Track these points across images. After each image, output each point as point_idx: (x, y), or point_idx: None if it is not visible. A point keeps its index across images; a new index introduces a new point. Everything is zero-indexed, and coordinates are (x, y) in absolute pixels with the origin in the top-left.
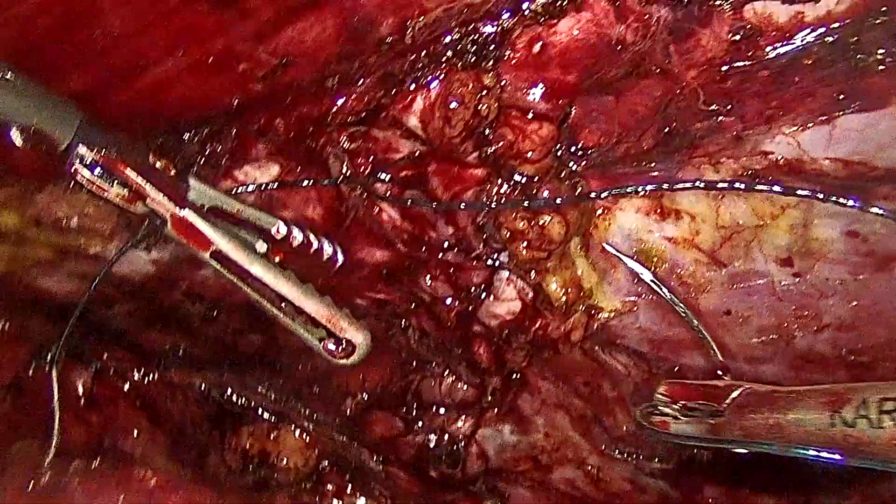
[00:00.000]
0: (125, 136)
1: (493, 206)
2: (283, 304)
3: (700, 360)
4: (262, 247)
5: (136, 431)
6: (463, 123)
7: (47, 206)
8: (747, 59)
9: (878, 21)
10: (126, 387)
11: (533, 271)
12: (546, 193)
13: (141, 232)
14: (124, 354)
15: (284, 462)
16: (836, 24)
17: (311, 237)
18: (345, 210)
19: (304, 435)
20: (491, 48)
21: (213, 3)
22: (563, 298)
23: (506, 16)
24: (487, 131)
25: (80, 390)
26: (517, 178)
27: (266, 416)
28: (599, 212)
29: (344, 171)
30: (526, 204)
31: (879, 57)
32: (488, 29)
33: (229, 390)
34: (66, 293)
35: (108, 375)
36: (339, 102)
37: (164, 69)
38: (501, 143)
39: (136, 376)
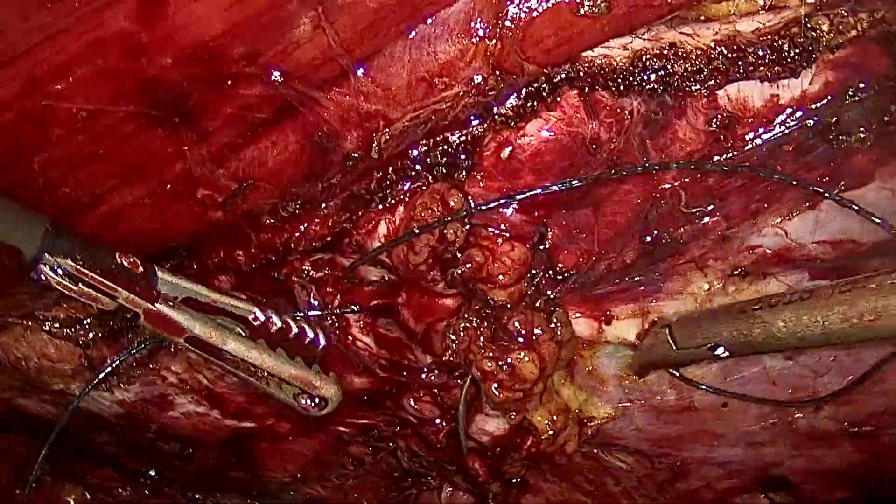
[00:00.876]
0: (90, 240)
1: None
2: (257, 372)
3: (702, 452)
4: (241, 333)
5: None
6: (428, 249)
7: (6, 346)
8: (727, 150)
9: (856, 98)
10: (120, 498)
11: (512, 413)
12: (517, 325)
13: (115, 361)
14: (110, 473)
15: None
16: (815, 105)
17: (290, 322)
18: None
19: None
20: (462, 157)
21: (169, 127)
22: (550, 431)
23: (475, 122)
24: (456, 254)
25: None
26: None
27: None
28: (584, 344)
29: (311, 301)
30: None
31: (861, 135)
32: (457, 138)
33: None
34: (46, 413)
35: (98, 491)
36: (302, 228)
37: (121, 199)
38: (469, 266)
39: (125, 494)
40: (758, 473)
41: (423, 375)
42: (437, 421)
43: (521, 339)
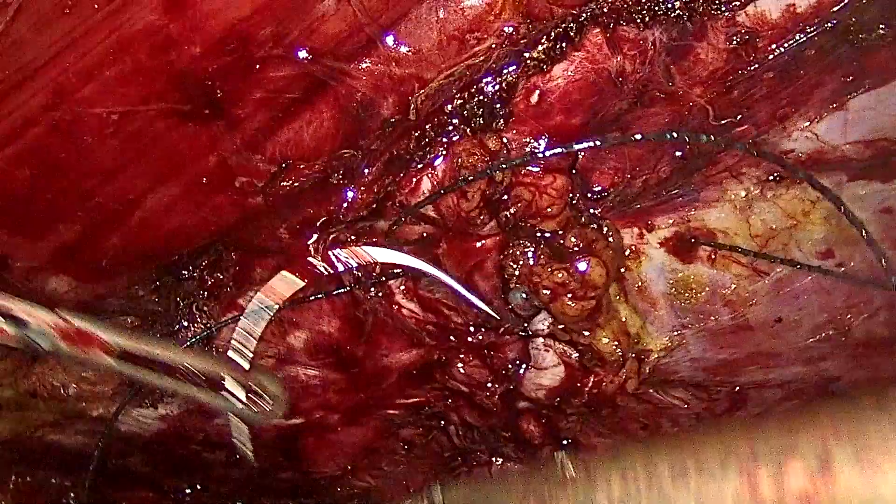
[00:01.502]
0: None
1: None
2: (200, 382)
3: (760, 374)
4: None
5: None
6: (480, 194)
7: (42, 376)
8: (750, 63)
9: None
10: None
11: (575, 331)
12: (573, 240)
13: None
14: (147, 495)
15: None
16: (833, 10)
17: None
18: (363, 315)
19: None
20: (497, 106)
21: (198, 121)
22: (618, 351)
23: (508, 70)
24: (504, 196)
25: None
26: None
27: None
28: (627, 252)
29: (354, 274)
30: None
31: (882, 32)
32: (491, 88)
33: None
34: (79, 445)
35: None
36: (348, 197)
37: (156, 201)
38: (520, 205)
39: None
40: (818, 391)
41: (470, 338)
42: (489, 384)
43: (580, 251)
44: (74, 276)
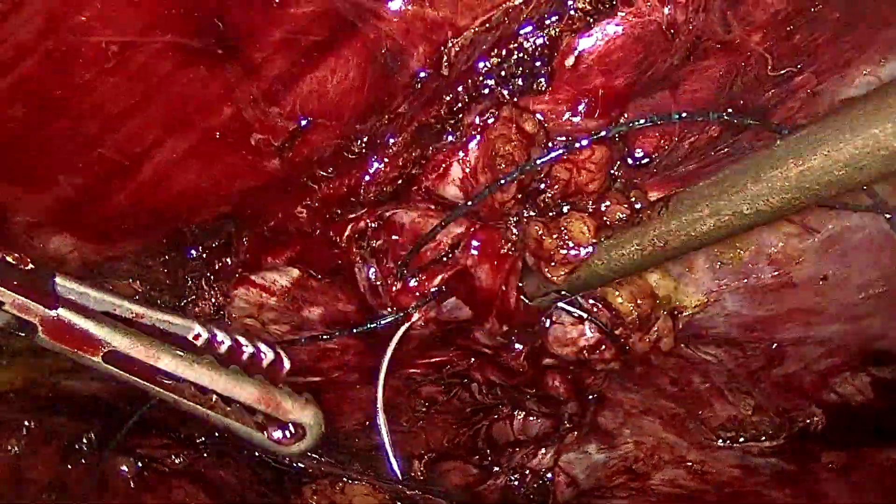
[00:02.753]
0: None
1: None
2: (207, 398)
3: (799, 332)
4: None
5: None
6: (517, 184)
7: None
8: (815, 3)
9: None
10: (174, 466)
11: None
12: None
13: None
14: (161, 441)
15: None
16: None
17: (242, 340)
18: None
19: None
20: (538, 64)
21: (212, 62)
22: (634, 312)
23: (551, 20)
24: (541, 183)
25: (129, 477)
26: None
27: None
28: None
29: (370, 278)
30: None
31: None
32: (531, 42)
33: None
34: (93, 391)
35: (151, 461)
36: (371, 170)
37: (164, 156)
38: (557, 186)
39: (179, 461)
40: (859, 349)
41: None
42: (513, 345)
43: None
44: (78, 235)
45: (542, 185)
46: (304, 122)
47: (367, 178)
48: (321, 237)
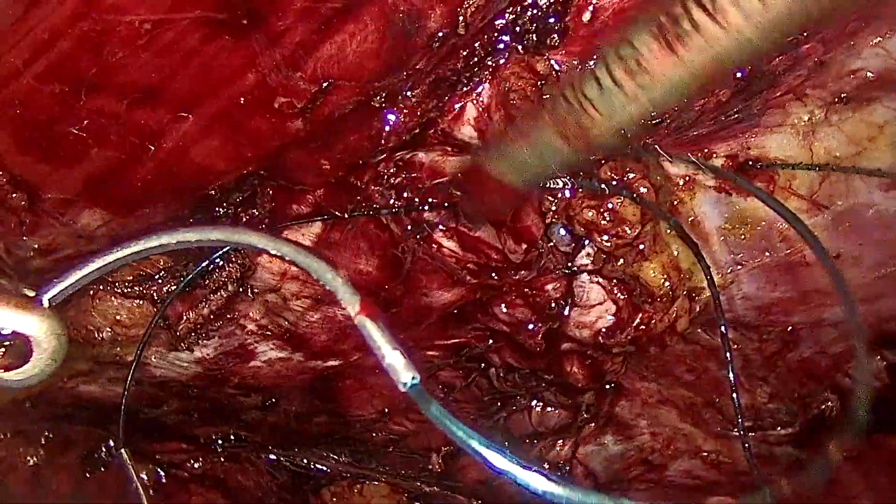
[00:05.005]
0: None
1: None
2: None
3: (814, 314)
4: None
5: None
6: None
7: (76, 320)
8: None
9: None
10: (193, 471)
11: (622, 261)
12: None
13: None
14: (179, 446)
15: None
16: None
17: None
18: (401, 254)
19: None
20: (551, 21)
21: (237, 33)
22: (666, 284)
23: None
24: None
25: (147, 483)
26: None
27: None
28: (681, 183)
29: (393, 209)
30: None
31: None
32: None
33: (301, 460)
34: (112, 396)
35: (170, 467)
36: (390, 121)
37: (192, 125)
38: None
39: (198, 467)
40: (873, 332)
41: (513, 275)
42: (532, 326)
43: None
44: (107, 209)
45: None
46: (325, 84)
47: (387, 128)
48: (344, 182)
